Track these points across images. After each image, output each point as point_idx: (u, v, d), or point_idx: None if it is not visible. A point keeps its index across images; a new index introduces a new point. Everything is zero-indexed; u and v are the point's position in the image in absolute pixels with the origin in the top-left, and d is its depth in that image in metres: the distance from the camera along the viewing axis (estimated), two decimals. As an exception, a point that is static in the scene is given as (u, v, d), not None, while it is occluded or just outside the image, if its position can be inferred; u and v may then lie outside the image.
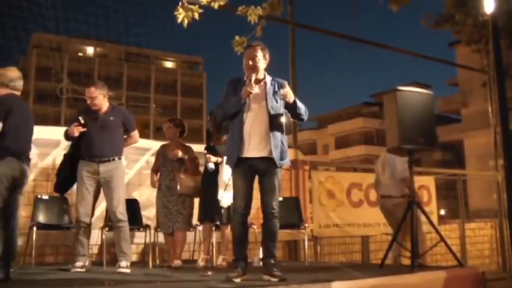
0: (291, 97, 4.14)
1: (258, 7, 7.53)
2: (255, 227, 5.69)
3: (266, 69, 4.27)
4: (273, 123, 4.10)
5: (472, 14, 10.59)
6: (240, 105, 4.08)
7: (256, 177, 4.19)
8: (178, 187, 5.63)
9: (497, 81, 5.53)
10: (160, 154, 5.95)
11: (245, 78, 4.21)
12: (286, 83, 4.29)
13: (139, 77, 48.65)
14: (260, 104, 4.13)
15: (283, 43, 8.19)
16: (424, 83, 34.20)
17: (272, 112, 4.12)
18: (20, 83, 4.46)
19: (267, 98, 4.15)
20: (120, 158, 5.11)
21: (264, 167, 4.09)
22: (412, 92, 5.29)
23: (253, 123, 4.08)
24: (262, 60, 4.21)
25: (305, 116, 4.31)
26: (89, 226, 5.01)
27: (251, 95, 4.06)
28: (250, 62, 4.16)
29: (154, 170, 5.96)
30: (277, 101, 4.17)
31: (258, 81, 4.16)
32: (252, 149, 4.07)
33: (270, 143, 4.07)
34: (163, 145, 6.07)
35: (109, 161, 5.01)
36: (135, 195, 6.55)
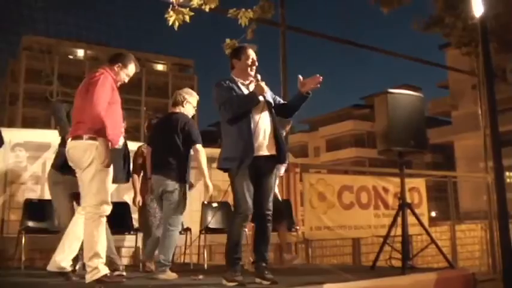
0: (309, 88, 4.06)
1: (249, 10, 7.52)
2: (245, 229, 5.66)
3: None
4: (277, 122, 4.10)
5: (461, 17, 10.66)
6: (257, 102, 4.01)
7: None
8: None
9: (487, 84, 5.58)
10: None
11: (235, 78, 4.15)
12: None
13: (130, 80, 47.52)
14: (262, 103, 4.07)
15: (274, 46, 8.20)
16: (415, 86, 34.46)
17: (274, 111, 4.12)
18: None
19: (266, 97, 4.12)
20: None
21: (267, 167, 4.04)
22: (402, 94, 5.31)
23: (261, 122, 4.00)
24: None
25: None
26: None
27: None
28: (254, 61, 4.14)
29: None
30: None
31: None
32: (258, 148, 3.97)
33: (275, 142, 4.03)
34: None
35: None
36: (126, 198, 6.50)
